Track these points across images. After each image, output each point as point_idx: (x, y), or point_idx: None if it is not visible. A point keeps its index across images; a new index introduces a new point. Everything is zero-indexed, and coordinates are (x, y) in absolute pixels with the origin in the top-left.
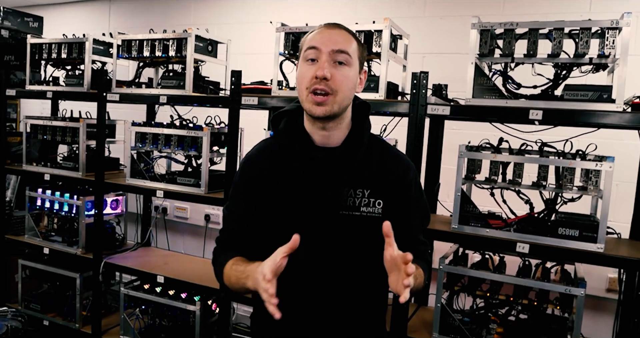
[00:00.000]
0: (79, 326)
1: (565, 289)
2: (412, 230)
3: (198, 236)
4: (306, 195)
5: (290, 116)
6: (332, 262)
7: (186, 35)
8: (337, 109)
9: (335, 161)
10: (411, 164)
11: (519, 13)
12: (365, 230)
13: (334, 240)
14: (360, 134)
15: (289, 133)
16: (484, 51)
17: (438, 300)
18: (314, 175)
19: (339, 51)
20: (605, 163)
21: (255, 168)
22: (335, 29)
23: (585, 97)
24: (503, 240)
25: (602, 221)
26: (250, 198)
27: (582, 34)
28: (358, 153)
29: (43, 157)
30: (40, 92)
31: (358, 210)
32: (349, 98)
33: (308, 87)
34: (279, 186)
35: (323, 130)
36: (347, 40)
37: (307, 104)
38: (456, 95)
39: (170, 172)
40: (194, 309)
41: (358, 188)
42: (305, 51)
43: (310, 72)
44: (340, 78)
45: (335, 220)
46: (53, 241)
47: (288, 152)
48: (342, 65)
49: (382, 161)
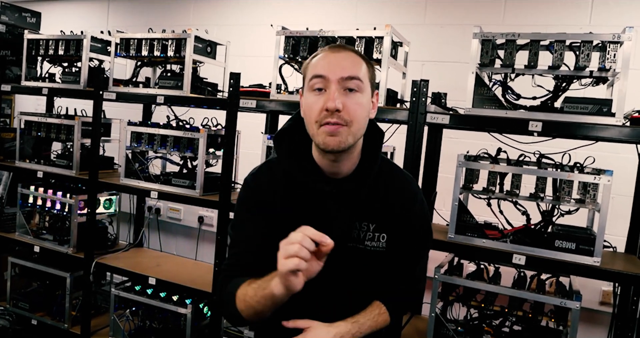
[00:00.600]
0: (67, 326)
1: (560, 302)
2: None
3: (191, 237)
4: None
5: (292, 136)
6: (333, 293)
7: (185, 36)
8: (351, 141)
9: (344, 194)
10: (418, 192)
11: (519, 23)
12: (368, 264)
13: (337, 272)
14: (370, 165)
15: (294, 159)
16: (484, 61)
17: (432, 309)
18: (322, 207)
19: (348, 77)
20: (604, 176)
21: (261, 190)
22: (341, 52)
23: (585, 110)
24: (500, 251)
25: (599, 234)
26: (259, 222)
27: (584, 46)
28: (366, 185)
29: (36, 154)
30: (35, 89)
31: (362, 243)
32: (363, 128)
33: (318, 121)
34: (285, 214)
35: (334, 162)
36: (356, 64)
37: (319, 138)
38: (455, 104)
39: (165, 173)
40: (185, 312)
41: (363, 221)
42: (310, 79)
43: (318, 104)
44: (353, 107)
45: (340, 252)
46: (44, 240)
47: (294, 181)
48: (353, 92)
49: (389, 191)
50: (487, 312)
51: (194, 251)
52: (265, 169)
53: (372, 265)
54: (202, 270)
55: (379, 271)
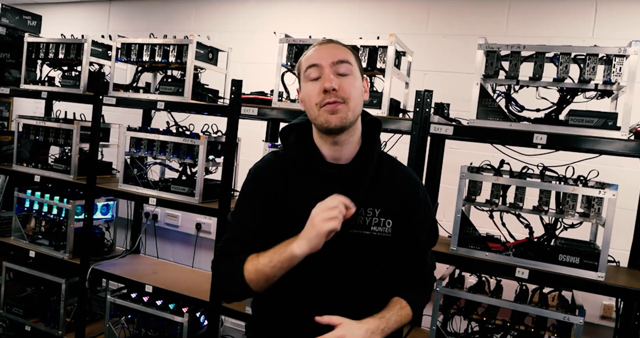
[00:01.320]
0: (61, 333)
1: (564, 317)
2: (419, 250)
3: (188, 244)
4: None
5: (300, 130)
6: (339, 280)
7: (187, 42)
8: (351, 117)
9: (346, 178)
10: (421, 183)
11: (522, 35)
12: (375, 249)
13: (343, 258)
14: (370, 151)
15: (298, 147)
16: (489, 72)
17: (434, 322)
18: (324, 192)
19: (339, 61)
20: (609, 190)
21: (265, 180)
22: (330, 43)
23: (591, 124)
24: (503, 265)
25: (604, 249)
26: (259, 210)
27: (589, 59)
28: (368, 171)
29: (34, 158)
30: (35, 92)
31: (368, 229)
32: (360, 105)
33: (318, 103)
34: (288, 201)
35: (334, 145)
36: (344, 51)
37: (321, 118)
38: (457, 114)
39: (164, 179)
40: (181, 321)
41: (369, 207)
42: (305, 70)
43: (316, 89)
44: (347, 86)
45: (345, 238)
46: (40, 245)
47: (298, 167)
48: (345, 75)
49: (392, 179)
50: (489, 326)
51: (191, 258)
52: (270, 159)
53: (379, 251)
54: (199, 278)
55: (385, 257)
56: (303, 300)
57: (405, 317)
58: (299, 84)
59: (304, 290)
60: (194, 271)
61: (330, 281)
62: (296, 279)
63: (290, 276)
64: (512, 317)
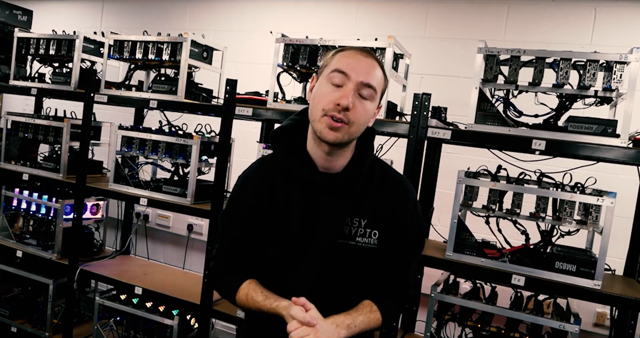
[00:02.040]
0: (48, 335)
1: (559, 325)
2: (401, 262)
3: (179, 245)
4: (304, 221)
5: (291, 133)
6: (324, 290)
7: (181, 40)
8: (347, 139)
9: (336, 188)
10: (411, 191)
11: (520, 40)
12: (359, 260)
13: (328, 268)
14: (362, 160)
15: (290, 154)
16: (488, 76)
17: (428, 328)
18: (314, 201)
19: (367, 84)
20: (607, 198)
21: (252, 189)
22: (369, 58)
23: (590, 130)
24: (499, 271)
25: (601, 257)
26: (246, 219)
27: (589, 66)
28: (359, 180)
29: (23, 156)
30: (24, 88)
31: (354, 239)
32: (361, 131)
33: (325, 109)
34: (276, 209)
35: (327, 155)
36: (377, 74)
37: (319, 125)
38: (453, 119)
39: (156, 179)
40: (171, 323)
41: (355, 217)
42: (331, 71)
43: (332, 96)
44: (360, 112)
45: (331, 249)
46: (27, 244)
47: (287, 176)
48: (364, 99)
49: (382, 188)
50: (483, 333)
51: (182, 259)
52: (258, 166)
53: (363, 262)
54: (190, 280)
55: (370, 269)
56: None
57: (374, 321)
58: (318, 72)
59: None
60: (185, 273)
61: (314, 290)
62: (283, 287)
63: (277, 284)
64: (506, 324)
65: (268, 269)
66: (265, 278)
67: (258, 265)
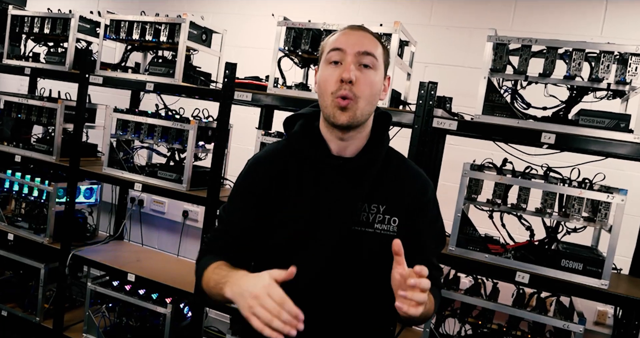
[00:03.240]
0: (39, 320)
1: (563, 324)
2: (425, 253)
3: (174, 232)
4: (317, 206)
5: (306, 119)
6: (339, 280)
7: (180, 21)
8: (359, 117)
9: (351, 172)
10: (429, 182)
11: (528, 30)
12: (378, 249)
13: (343, 257)
14: (378, 145)
15: (303, 137)
16: (497, 66)
17: (427, 324)
18: (327, 185)
19: (365, 52)
20: (617, 195)
21: (264, 171)
22: (360, 30)
23: (602, 125)
24: (502, 268)
25: (609, 256)
26: (253, 203)
27: (603, 57)
28: (375, 166)
29: (16, 137)
30: (17, 68)
31: (372, 227)
32: (372, 105)
33: (334, 92)
34: (288, 193)
35: (341, 140)
36: (373, 42)
37: (330, 110)
38: (457, 109)
39: (151, 164)
40: (164, 312)
41: (373, 203)
42: (328, 52)
43: (334, 76)
44: (365, 83)
45: (346, 236)
46: (19, 227)
47: (301, 157)
48: (367, 68)
49: (400, 177)
50: (484, 330)
51: (177, 246)
52: (271, 150)
53: (382, 251)
54: (184, 268)
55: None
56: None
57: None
58: (318, 63)
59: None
60: (179, 261)
61: (328, 281)
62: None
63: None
64: (508, 322)
65: (274, 257)
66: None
67: (263, 253)
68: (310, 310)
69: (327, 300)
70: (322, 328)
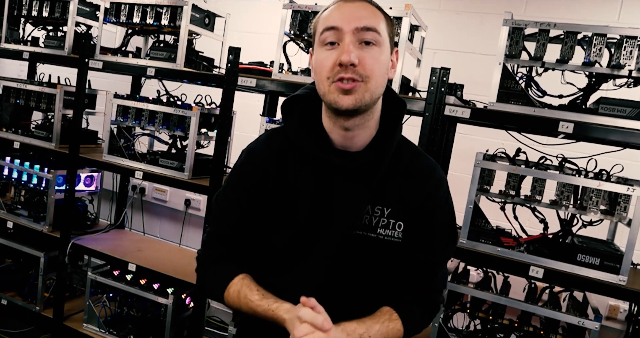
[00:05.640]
0: (39, 309)
1: (578, 321)
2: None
3: (176, 221)
4: (317, 207)
5: (305, 105)
6: (339, 286)
7: (182, 4)
8: (368, 100)
9: (356, 170)
10: (444, 179)
11: (542, 16)
12: (380, 255)
13: (342, 264)
14: (389, 138)
15: (302, 129)
16: (513, 51)
17: (436, 319)
18: (328, 185)
19: (365, 28)
20: (638, 188)
21: (257, 164)
22: (356, 1)
23: (623, 114)
24: (515, 262)
25: (628, 251)
26: (245, 200)
27: (626, 43)
28: (383, 164)
29: (14, 123)
30: (15, 52)
31: (374, 231)
32: (382, 86)
33: (330, 77)
34: (285, 191)
35: (345, 130)
36: (374, 15)
37: (331, 96)
38: (469, 97)
39: (152, 152)
40: (165, 302)
41: (377, 205)
42: (321, 33)
43: (331, 59)
44: (370, 61)
45: (347, 241)
46: (18, 215)
47: (299, 153)
48: (370, 45)
49: (410, 174)
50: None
51: (179, 235)
52: (267, 140)
53: (384, 258)
54: (186, 257)
55: (392, 267)
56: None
57: (393, 332)
58: (312, 44)
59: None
60: (181, 250)
61: (323, 289)
62: (286, 284)
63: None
64: (520, 317)
65: (271, 263)
66: (267, 274)
67: (259, 258)
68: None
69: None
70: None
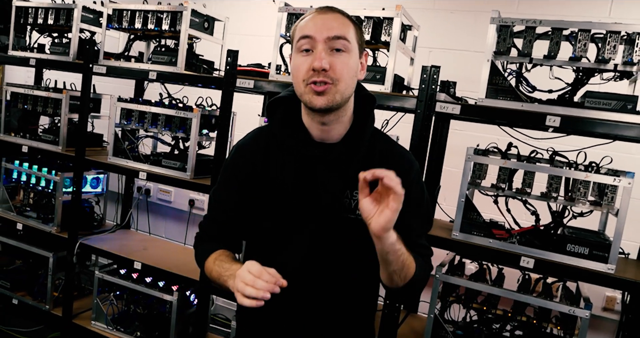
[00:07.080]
0: (49, 307)
1: (569, 310)
2: (411, 235)
3: (181, 221)
4: (300, 194)
5: (287, 105)
6: (322, 265)
7: (182, 9)
8: (339, 99)
9: (334, 159)
10: (414, 163)
11: (534, 13)
12: (359, 235)
13: (326, 243)
14: (362, 130)
15: (284, 125)
16: (501, 49)
17: (432, 310)
18: (310, 173)
19: (335, 37)
20: (624, 178)
21: (246, 158)
22: (328, 13)
23: (608, 107)
24: (507, 253)
25: (616, 240)
26: (237, 190)
27: (610, 37)
28: (359, 151)
29: (22, 127)
30: (23, 59)
31: (354, 213)
32: (351, 87)
33: (305, 80)
34: (271, 181)
35: (323, 125)
36: (343, 25)
37: (306, 97)
38: (462, 94)
39: (156, 153)
40: (171, 299)
41: (355, 190)
42: (297, 40)
43: (306, 65)
44: (340, 66)
45: (329, 223)
46: (27, 217)
47: (282, 147)
48: (340, 52)
49: (384, 160)
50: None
51: (184, 235)
52: (254, 136)
53: (364, 236)
54: (190, 256)
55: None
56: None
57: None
58: (291, 50)
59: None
60: (186, 249)
61: (311, 269)
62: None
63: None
64: (513, 307)
65: (262, 246)
66: (260, 255)
67: (251, 240)
68: (296, 293)
69: (311, 283)
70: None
